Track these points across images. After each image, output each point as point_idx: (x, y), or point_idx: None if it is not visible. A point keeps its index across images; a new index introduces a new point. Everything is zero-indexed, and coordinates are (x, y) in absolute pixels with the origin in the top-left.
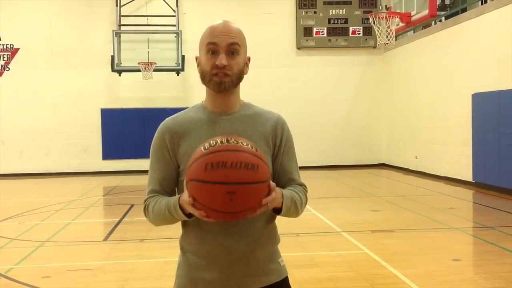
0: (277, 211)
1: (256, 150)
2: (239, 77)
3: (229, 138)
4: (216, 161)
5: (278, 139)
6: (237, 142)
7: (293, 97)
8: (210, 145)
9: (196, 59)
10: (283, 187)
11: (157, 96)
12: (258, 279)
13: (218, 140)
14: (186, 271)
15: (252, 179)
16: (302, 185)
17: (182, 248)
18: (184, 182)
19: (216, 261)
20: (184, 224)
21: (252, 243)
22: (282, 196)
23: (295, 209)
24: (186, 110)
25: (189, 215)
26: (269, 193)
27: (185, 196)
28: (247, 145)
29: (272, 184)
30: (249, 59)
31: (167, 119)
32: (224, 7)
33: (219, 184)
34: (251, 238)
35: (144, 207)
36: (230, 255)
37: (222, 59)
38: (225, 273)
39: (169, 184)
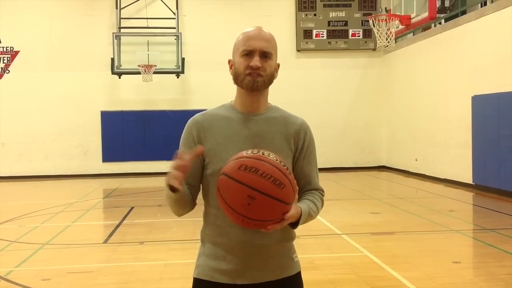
0: (292, 224)
1: (290, 173)
2: (270, 80)
3: (271, 153)
4: (250, 165)
5: (300, 143)
6: (276, 159)
7: (292, 99)
8: (252, 152)
9: (229, 62)
10: (300, 190)
11: (157, 98)
12: (273, 272)
13: (261, 151)
14: (204, 261)
15: (274, 194)
16: (319, 189)
17: (202, 240)
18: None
19: (234, 253)
20: (205, 217)
21: (269, 238)
22: (301, 214)
23: (310, 219)
24: (215, 108)
25: (171, 188)
26: (280, 221)
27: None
28: (284, 165)
29: (289, 213)
30: (278, 65)
31: (196, 114)
32: (224, 10)
33: (244, 186)
34: (268, 233)
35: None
36: (247, 248)
37: (256, 61)
38: (241, 264)
39: (192, 175)
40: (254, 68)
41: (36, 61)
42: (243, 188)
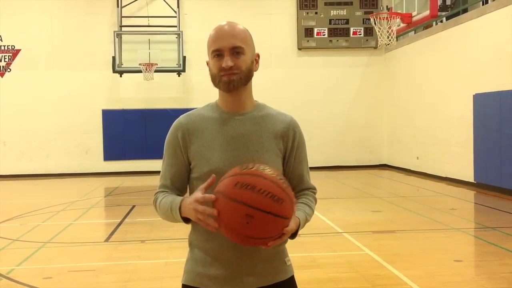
0: (291, 235)
1: (288, 187)
2: (248, 75)
3: (266, 167)
4: (246, 182)
5: (290, 142)
6: (273, 174)
7: (294, 98)
8: (247, 167)
9: (207, 63)
10: (293, 189)
11: (158, 97)
12: (264, 277)
13: (257, 165)
14: (193, 266)
15: (273, 210)
16: (311, 188)
17: (190, 244)
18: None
19: (223, 258)
20: (193, 221)
21: None
22: (299, 224)
23: (305, 224)
24: (200, 108)
25: (186, 220)
26: (280, 236)
27: (190, 199)
28: (280, 179)
29: (288, 228)
30: (258, 55)
31: (181, 116)
32: (225, 8)
33: (241, 205)
34: None
35: (154, 200)
36: (237, 252)
37: (227, 61)
38: (231, 270)
39: (179, 180)
40: (227, 69)
41: (37, 59)
42: (240, 207)
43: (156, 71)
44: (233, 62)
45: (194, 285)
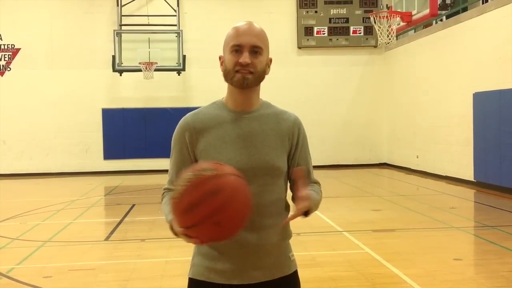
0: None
1: (214, 171)
2: (261, 76)
3: (189, 177)
4: (186, 207)
5: (295, 140)
6: (195, 175)
7: (294, 96)
8: (177, 192)
9: (220, 58)
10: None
11: (158, 96)
12: (269, 271)
13: (180, 185)
14: (200, 260)
15: (222, 201)
16: (317, 182)
17: None
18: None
19: (229, 253)
20: None
21: (264, 237)
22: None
23: (316, 210)
24: (206, 106)
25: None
26: (303, 198)
27: (175, 230)
28: (195, 175)
29: (306, 192)
30: (271, 60)
31: (187, 114)
32: (225, 7)
33: (203, 223)
34: (263, 232)
35: (161, 195)
36: (243, 247)
37: (245, 58)
38: (237, 264)
39: None
40: (244, 65)
41: (37, 58)
42: (205, 226)
43: (156, 70)
44: (250, 60)
45: (201, 279)
